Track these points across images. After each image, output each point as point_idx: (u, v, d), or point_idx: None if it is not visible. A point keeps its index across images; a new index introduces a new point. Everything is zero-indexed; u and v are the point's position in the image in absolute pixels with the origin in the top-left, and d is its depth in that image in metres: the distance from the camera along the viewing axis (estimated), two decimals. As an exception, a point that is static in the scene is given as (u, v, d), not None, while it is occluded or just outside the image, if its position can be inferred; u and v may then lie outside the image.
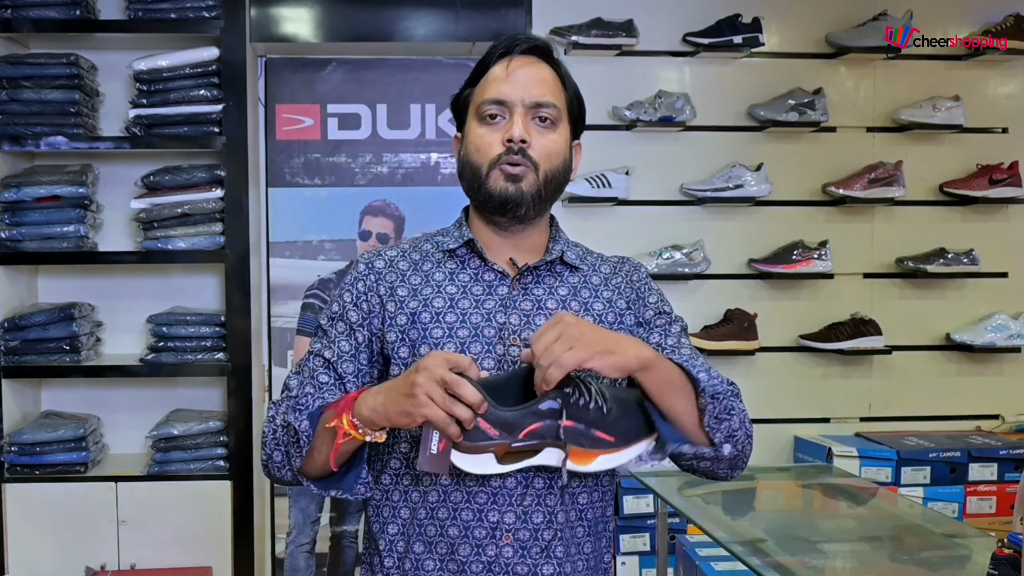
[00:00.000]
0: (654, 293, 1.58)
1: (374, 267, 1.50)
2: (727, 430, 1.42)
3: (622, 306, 1.52)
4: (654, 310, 1.55)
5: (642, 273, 1.60)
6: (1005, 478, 3.26)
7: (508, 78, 1.45)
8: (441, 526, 1.41)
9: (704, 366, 1.49)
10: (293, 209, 3.56)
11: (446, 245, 1.51)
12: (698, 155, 3.45)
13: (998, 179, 3.46)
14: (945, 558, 2.27)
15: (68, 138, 3.12)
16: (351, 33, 3.33)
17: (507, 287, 1.47)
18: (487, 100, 1.45)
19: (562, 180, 1.50)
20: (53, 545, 3.09)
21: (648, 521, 3.19)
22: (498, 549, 1.39)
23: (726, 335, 3.40)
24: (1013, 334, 3.48)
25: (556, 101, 1.47)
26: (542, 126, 1.46)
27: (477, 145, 1.47)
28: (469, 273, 1.49)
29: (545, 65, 1.49)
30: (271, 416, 1.46)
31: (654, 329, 1.53)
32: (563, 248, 1.53)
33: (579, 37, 3.31)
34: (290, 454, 1.41)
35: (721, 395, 1.42)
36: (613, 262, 1.59)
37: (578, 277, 1.52)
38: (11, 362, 3.13)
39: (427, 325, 1.44)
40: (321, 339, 1.50)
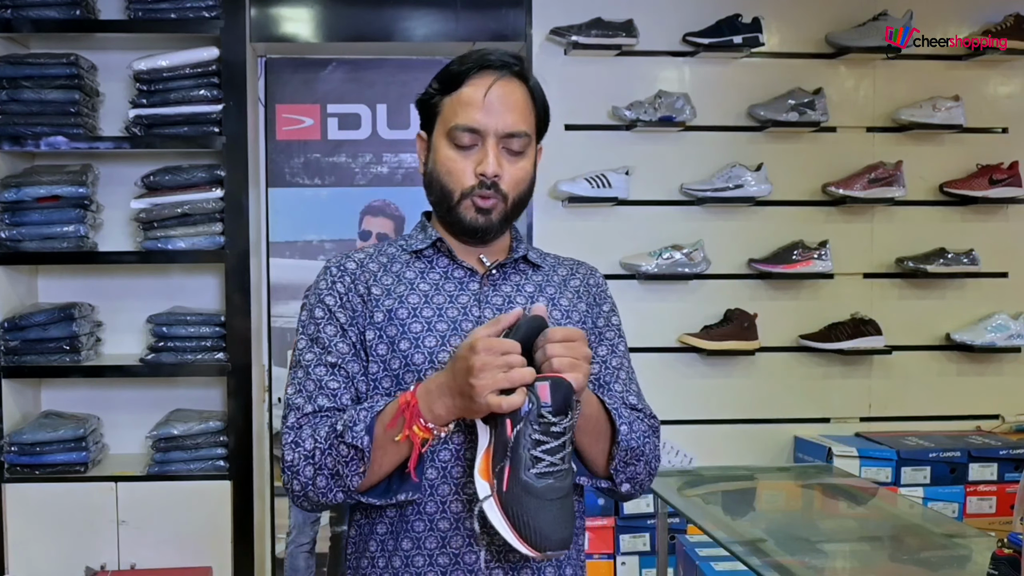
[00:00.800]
0: (608, 301, 1.61)
1: (347, 268, 1.51)
2: (631, 474, 1.47)
3: (583, 308, 1.55)
4: (606, 320, 1.59)
5: (598, 278, 1.63)
6: (1005, 478, 3.26)
7: (484, 106, 1.44)
8: (418, 539, 1.41)
9: (635, 392, 1.54)
10: (293, 209, 3.56)
11: (413, 246, 1.53)
12: (698, 155, 3.45)
13: (998, 179, 3.46)
14: (945, 558, 2.27)
15: (68, 138, 3.12)
16: (351, 33, 3.33)
17: (478, 283, 1.50)
18: (461, 126, 1.45)
19: (528, 198, 1.52)
20: (53, 545, 3.09)
21: (648, 521, 3.19)
22: (477, 556, 1.40)
23: (726, 335, 3.40)
24: (1013, 334, 3.48)
25: (527, 127, 1.47)
26: (512, 155, 1.46)
27: (449, 169, 1.47)
28: (439, 271, 1.51)
29: (518, 84, 1.48)
30: (294, 442, 1.39)
31: (603, 341, 1.56)
32: (526, 248, 1.57)
33: (579, 37, 3.31)
34: (342, 474, 1.36)
35: (636, 448, 1.45)
36: (569, 264, 1.62)
37: (541, 275, 1.56)
38: (11, 362, 3.13)
39: (405, 321, 1.45)
40: (312, 349, 1.46)
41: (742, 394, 3.49)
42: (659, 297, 3.46)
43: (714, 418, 3.49)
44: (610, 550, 3.23)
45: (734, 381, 3.49)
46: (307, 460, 1.38)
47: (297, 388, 1.45)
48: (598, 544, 3.23)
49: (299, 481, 1.39)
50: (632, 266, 3.40)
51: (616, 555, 3.23)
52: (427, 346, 1.43)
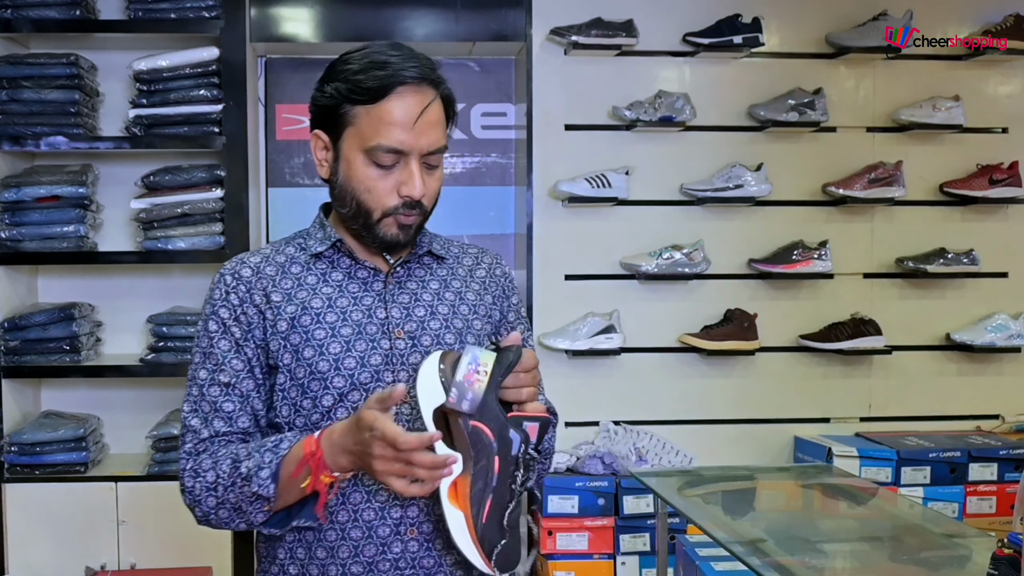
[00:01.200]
0: (515, 292, 1.61)
1: (241, 277, 1.45)
2: (540, 471, 1.52)
3: (489, 300, 1.55)
4: (516, 314, 1.59)
5: (505, 268, 1.61)
6: (1005, 478, 3.25)
7: (411, 127, 1.38)
8: (342, 529, 1.39)
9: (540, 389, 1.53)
10: (293, 209, 3.56)
11: (313, 248, 1.48)
12: (698, 155, 3.45)
13: (998, 179, 3.46)
14: (945, 558, 2.27)
15: (68, 138, 3.12)
16: (351, 33, 3.32)
17: (382, 283, 1.47)
18: (384, 147, 1.38)
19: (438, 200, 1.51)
20: (53, 545, 3.09)
21: (648, 521, 3.19)
22: (404, 545, 1.39)
23: (726, 335, 3.40)
24: (1013, 334, 3.48)
25: (445, 139, 1.44)
26: (431, 170, 1.44)
27: (369, 187, 1.41)
28: (341, 272, 1.47)
29: (435, 95, 1.42)
30: (193, 470, 1.40)
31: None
32: (429, 240, 1.54)
33: (579, 37, 3.30)
34: (245, 511, 1.37)
35: (550, 449, 1.54)
36: (474, 253, 1.59)
37: (446, 268, 1.54)
38: (11, 362, 3.13)
39: (308, 328, 1.41)
40: (205, 365, 1.44)
41: (742, 394, 3.49)
42: (659, 297, 3.46)
43: (714, 418, 3.49)
44: (610, 550, 3.23)
45: (734, 381, 3.49)
46: (209, 491, 1.39)
47: (192, 407, 1.44)
48: (598, 544, 3.23)
49: (200, 509, 1.41)
50: (632, 266, 3.40)
51: (616, 555, 3.22)
52: (332, 353, 1.40)
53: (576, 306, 3.40)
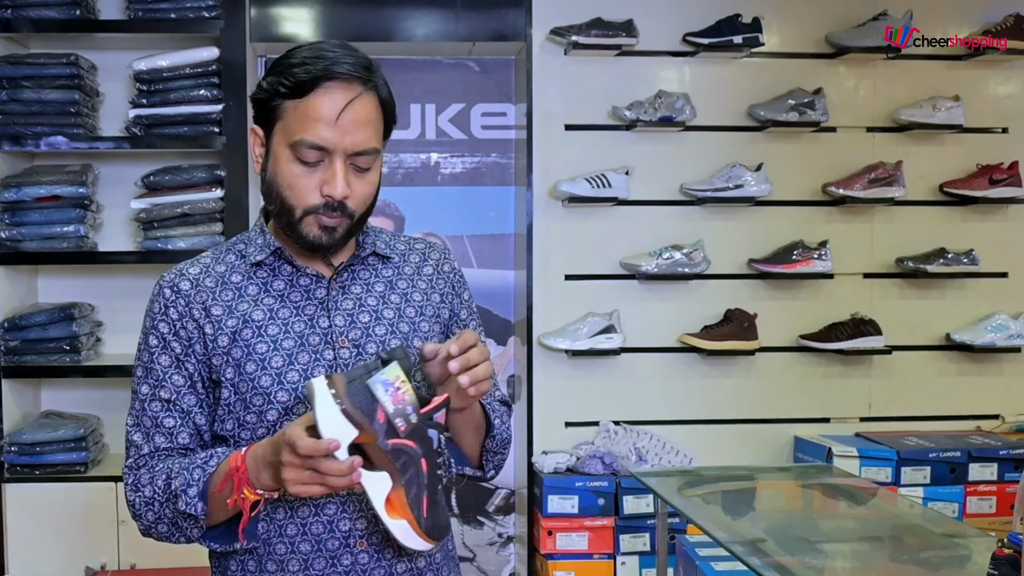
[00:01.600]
0: (466, 287, 1.57)
1: (180, 290, 1.42)
2: (498, 461, 1.53)
3: (436, 299, 1.50)
4: (467, 310, 1.55)
5: (452, 262, 1.56)
6: (1005, 478, 3.26)
7: (334, 123, 1.33)
8: (292, 543, 1.38)
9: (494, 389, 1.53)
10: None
11: (253, 257, 1.43)
12: (698, 155, 3.45)
13: (998, 179, 3.46)
14: (945, 558, 2.27)
15: (68, 138, 3.12)
16: (351, 33, 3.32)
17: (325, 289, 1.42)
18: (307, 143, 1.34)
19: (374, 206, 1.45)
20: (53, 545, 3.09)
21: (648, 521, 3.19)
22: (353, 557, 1.38)
23: (726, 335, 3.40)
24: (1013, 334, 3.48)
25: (376, 142, 1.38)
26: (360, 171, 1.38)
27: (291, 184, 1.36)
28: (283, 280, 1.43)
29: (370, 95, 1.37)
30: (134, 484, 1.39)
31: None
32: (374, 240, 1.49)
33: (579, 37, 3.30)
34: (181, 526, 1.36)
35: (506, 439, 1.52)
36: (420, 249, 1.54)
37: (391, 268, 1.49)
38: (11, 362, 3.13)
39: (250, 341, 1.38)
40: (147, 380, 1.42)
41: (742, 394, 3.49)
42: (659, 297, 3.46)
43: (714, 418, 3.49)
44: (610, 550, 3.23)
45: (734, 381, 3.49)
46: (147, 506, 1.38)
47: (135, 422, 1.44)
48: (598, 544, 3.23)
49: (142, 523, 1.41)
50: (632, 266, 3.40)
51: (616, 555, 3.23)
52: (274, 367, 1.37)
53: (576, 306, 3.40)
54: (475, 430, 1.45)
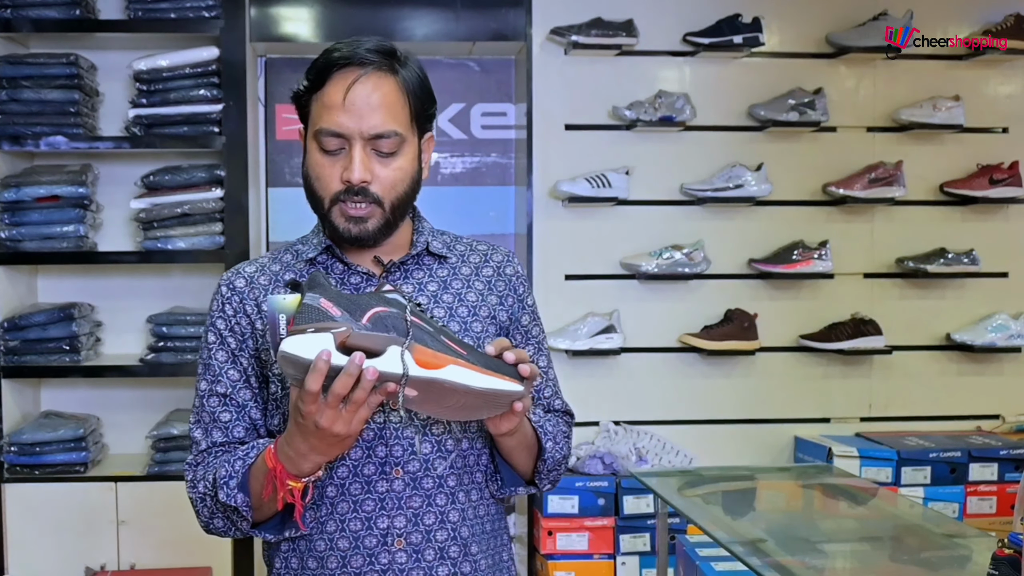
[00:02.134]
0: (530, 293, 1.55)
1: (236, 288, 1.44)
2: (553, 478, 1.52)
3: (493, 301, 1.47)
4: (531, 315, 1.53)
5: (516, 267, 1.53)
6: (1005, 478, 3.25)
7: (346, 107, 1.34)
8: (331, 539, 1.38)
9: (559, 392, 1.57)
10: (293, 209, 3.55)
11: (306, 254, 1.45)
12: (698, 155, 3.45)
13: (998, 179, 3.45)
14: (945, 558, 2.26)
15: (68, 138, 3.12)
16: (351, 33, 3.27)
17: (374, 287, 1.41)
18: (325, 130, 1.36)
19: (412, 196, 1.44)
20: (53, 545, 3.09)
21: (648, 521, 3.19)
22: (391, 555, 1.37)
23: (726, 335, 3.40)
24: (1013, 334, 3.48)
25: (398, 126, 1.37)
26: (385, 155, 1.37)
27: (317, 174, 1.38)
28: (334, 278, 1.44)
29: (387, 80, 1.37)
30: (192, 481, 1.41)
31: (530, 340, 1.52)
32: (427, 239, 1.47)
33: (579, 37, 3.30)
34: (233, 521, 1.37)
35: (560, 458, 1.50)
36: (482, 251, 1.52)
37: (447, 268, 1.47)
38: (11, 362, 3.13)
39: None
40: (205, 376, 1.44)
41: (742, 394, 3.49)
42: (659, 297, 3.46)
43: (714, 418, 3.49)
44: (610, 550, 3.23)
45: (734, 381, 3.49)
46: (202, 502, 1.39)
47: (196, 418, 1.45)
48: (598, 544, 3.22)
49: (201, 519, 1.42)
50: (632, 266, 3.40)
51: (616, 555, 3.22)
52: None
53: (576, 306, 3.40)
54: (527, 451, 1.44)
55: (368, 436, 1.37)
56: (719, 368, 3.48)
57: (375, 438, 1.38)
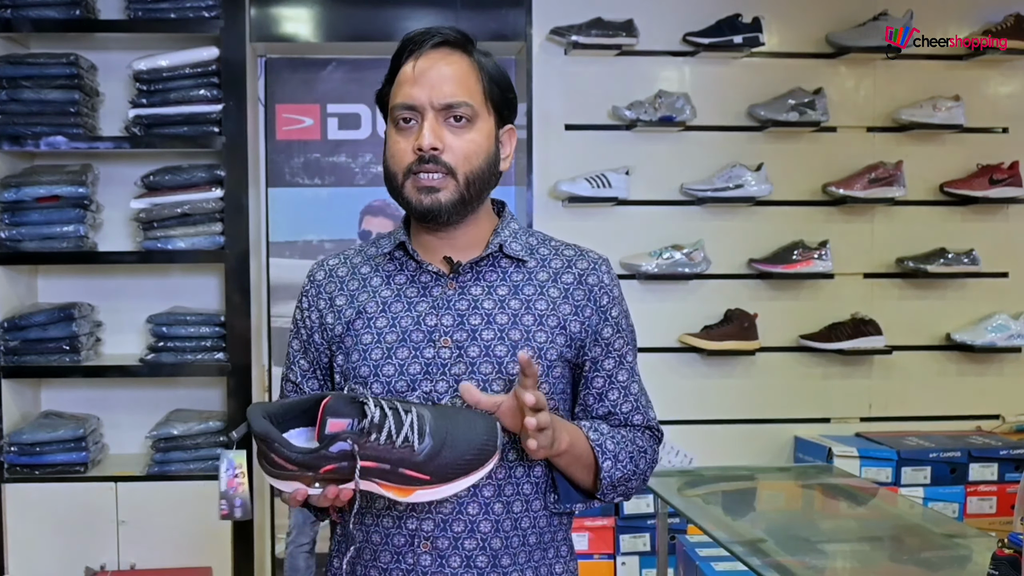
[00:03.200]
0: (616, 304, 1.46)
1: (315, 280, 1.49)
2: (622, 492, 1.48)
3: (566, 311, 1.41)
4: (614, 327, 1.45)
5: (602, 275, 1.45)
6: (1005, 478, 3.25)
7: (416, 80, 1.37)
8: (367, 532, 1.41)
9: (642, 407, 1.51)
10: (293, 209, 3.56)
11: (383, 249, 1.47)
12: (698, 155, 3.45)
13: (998, 179, 3.46)
14: (945, 558, 2.27)
15: (68, 138, 3.12)
16: (351, 33, 3.32)
17: (441, 287, 1.41)
18: (398, 104, 1.39)
19: (489, 176, 1.41)
20: (53, 545, 3.09)
21: (648, 521, 3.19)
22: (416, 557, 1.38)
23: (726, 335, 3.40)
24: (1013, 334, 3.48)
25: (469, 98, 1.38)
26: (457, 126, 1.37)
27: (392, 152, 1.41)
28: (407, 275, 1.44)
29: (459, 57, 1.40)
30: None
31: (611, 353, 1.45)
32: (504, 240, 1.43)
33: (579, 37, 3.31)
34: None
35: (622, 476, 1.45)
36: (568, 256, 1.46)
37: (523, 273, 1.43)
38: (11, 362, 3.13)
39: (359, 332, 1.41)
40: (287, 360, 1.52)
41: (742, 394, 3.49)
42: (659, 297, 3.46)
43: (714, 418, 3.49)
44: (610, 550, 3.23)
45: (734, 381, 3.49)
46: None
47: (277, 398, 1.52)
48: (598, 544, 3.22)
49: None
50: (632, 266, 3.40)
51: (616, 555, 3.23)
52: (373, 359, 1.39)
53: (576, 306, 3.40)
54: (585, 468, 1.41)
55: None
56: (719, 368, 3.48)
57: None
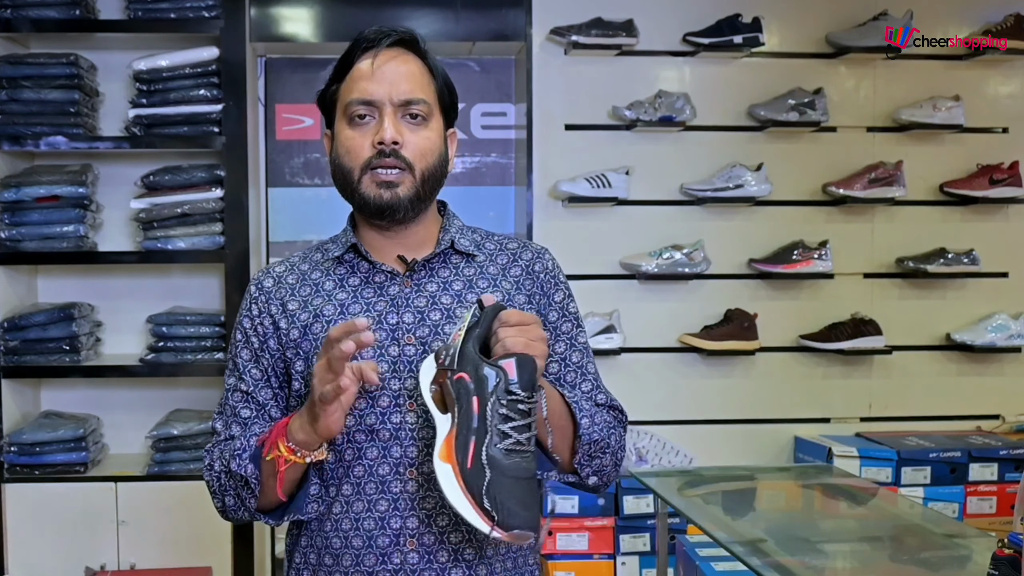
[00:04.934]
0: (560, 289, 1.50)
1: (263, 287, 1.47)
2: (597, 467, 1.44)
3: (521, 300, 1.45)
4: (559, 311, 1.49)
5: (547, 263, 1.50)
6: (1005, 478, 3.25)
7: (375, 75, 1.39)
8: (345, 537, 1.39)
9: (602, 388, 1.51)
10: (293, 209, 3.56)
11: (332, 252, 1.47)
12: (698, 155, 3.45)
13: (998, 179, 3.46)
14: (945, 558, 2.27)
15: (68, 138, 3.12)
16: (351, 33, 3.27)
17: (398, 286, 1.43)
18: (355, 100, 1.40)
19: (440, 175, 1.44)
20: (53, 545, 3.09)
21: (648, 521, 3.19)
22: (403, 556, 1.37)
23: (726, 335, 3.40)
24: (1013, 334, 3.48)
25: (426, 96, 1.41)
26: (414, 123, 1.40)
27: (348, 148, 1.41)
28: (360, 277, 1.45)
29: (412, 57, 1.44)
30: (208, 464, 1.44)
31: (560, 337, 1.48)
32: (454, 236, 1.47)
33: (579, 37, 3.30)
34: (242, 497, 1.39)
35: (600, 440, 1.42)
36: (512, 249, 1.50)
37: (474, 267, 1.46)
38: (11, 362, 3.13)
39: (318, 335, 1.41)
40: (233, 372, 1.47)
41: (742, 394, 3.49)
42: (659, 297, 3.46)
43: (714, 418, 3.49)
44: (610, 550, 3.23)
45: (734, 381, 3.49)
46: (217, 482, 1.42)
47: (219, 410, 1.48)
48: (598, 544, 3.22)
49: (216, 500, 1.45)
50: (632, 266, 3.40)
51: (616, 555, 3.22)
52: None
53: (576, 306, 3.40)
54: (558, 430, 1.38)
55: (384, 436, 1.38)
56: (719, 368, 3.48)
57: (391, 439, 1.38)
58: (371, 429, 1.38)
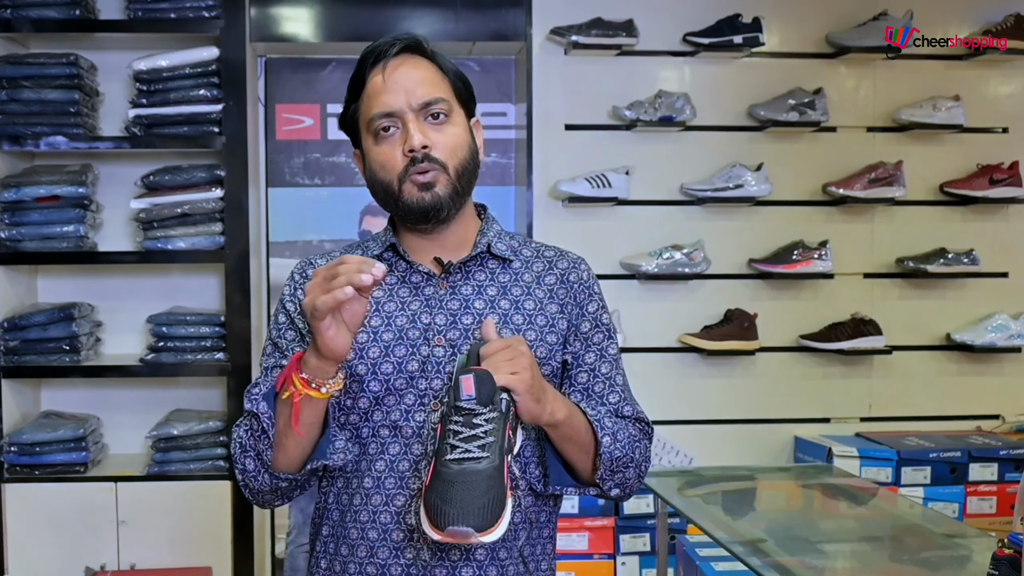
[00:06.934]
0: (594, 299, 1.51)
1: (308, 276, 1.49)
2: (619, 480, 1.45)
3: (553, 310, 1.46)
4: (592, 322, 1.49)
5: (582, 273, 1.52)
6: (1005, 478, 3.26)
7: (389, 87, 1.41)
8: (362, 529, 1.41)
9: (629, 399, 1.49)
10: (293, 209, 3.56)
11: (372, 250, 1.49)
12: (698, 155, 3.45)
13: (998, 179, 3.46)
14: (945, 558, 2.27)
15: (68, 138, 3.12)
16: (351, 33, 3.32)
17: (433, 287, 1.44)
18: (376, 115, 1.42)
19: (473, 168, 1.46)
20: (53, 545, 3.09)
21: (648, 521, 3.19)
22: (416, 552, 1.38)
23: (726, 335, 3.40)
24: (1013, 334, 3.48)
25: (443, 94, 1.44)
26: (437, 123, 1.42)
27: (381, 162, 1.42)
28: (397, 276, 1.47)
29: (421, 60, 1.46)
30: (237, 438, 1.43)
31: (591, 347, 1.48)
32: (491, 240, 1.48)
33: (579, 37, 3.31)
34: (260, 451, 1.38)
35: (622, 457, 1.42)
36: (549, 257, 1.52)
37: (509, 273, 1.47)
38: (11, 362, 3.13)
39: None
40: (274, 353, 1.48)
41: (742, 394, 3.49)
42: (659, 297, 3.46)
43: (714, 418, 3.49)
44: (610, 550, 3.23)
45: (734, 381, 3.49)
46: (240, 448, 1.41)
47: (254, 384, 1.47)
48: (598, 544, 3.23)
49: (239, 471, 1.42)
50: (632, 266, 3.40)
51: (616, 555, 3.23)
52: (371, 357, 1.40)
53: (576, 306, 3.40)
54: (580, 448, 1.40)
55: (407, 433, 1.40)
56: (719, 368, 3.49)
57: (413, 436, 1.39)
58: (395, 425, 1.40)
